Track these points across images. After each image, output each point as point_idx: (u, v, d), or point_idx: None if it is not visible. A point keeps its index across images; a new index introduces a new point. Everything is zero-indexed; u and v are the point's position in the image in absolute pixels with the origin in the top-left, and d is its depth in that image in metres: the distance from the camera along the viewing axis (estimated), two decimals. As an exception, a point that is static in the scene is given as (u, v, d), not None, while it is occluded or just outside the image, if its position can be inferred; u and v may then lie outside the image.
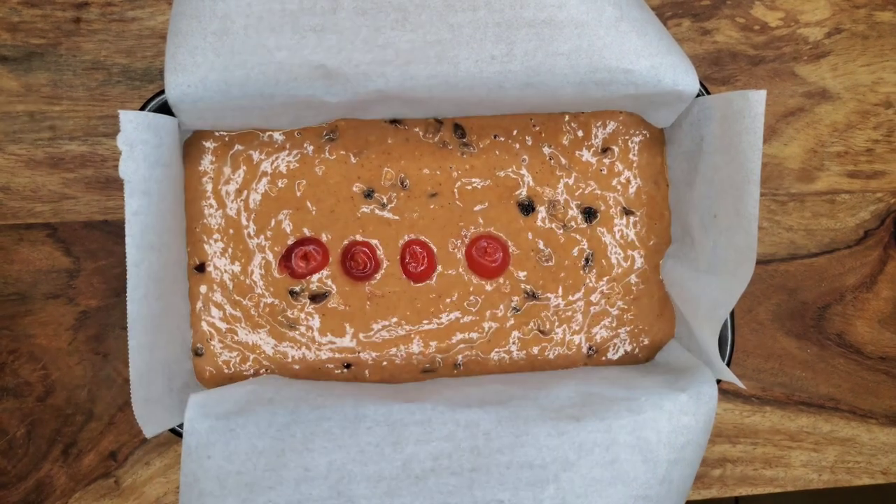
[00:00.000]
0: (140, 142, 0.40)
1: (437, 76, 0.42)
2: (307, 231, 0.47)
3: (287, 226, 0.47)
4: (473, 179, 0.48)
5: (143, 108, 0.43)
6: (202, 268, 0.46)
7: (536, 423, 0.42)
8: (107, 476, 0.51)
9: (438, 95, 0.43)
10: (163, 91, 0.42)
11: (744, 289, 0.41)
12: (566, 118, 0.48)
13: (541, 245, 0.48)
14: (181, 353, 0.45)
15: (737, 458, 0.54)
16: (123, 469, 0.51)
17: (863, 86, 0.55)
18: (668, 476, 0.42)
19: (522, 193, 0.48)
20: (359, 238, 0.47)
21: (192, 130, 0.46)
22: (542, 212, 0.48)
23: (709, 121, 0.44)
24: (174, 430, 0.43)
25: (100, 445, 0.51)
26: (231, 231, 0.47)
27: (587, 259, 0.48)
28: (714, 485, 0.55)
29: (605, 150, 0.48)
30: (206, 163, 0.46)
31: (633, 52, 0.42)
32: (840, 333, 0.55)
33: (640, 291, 0.49)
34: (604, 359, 0.49)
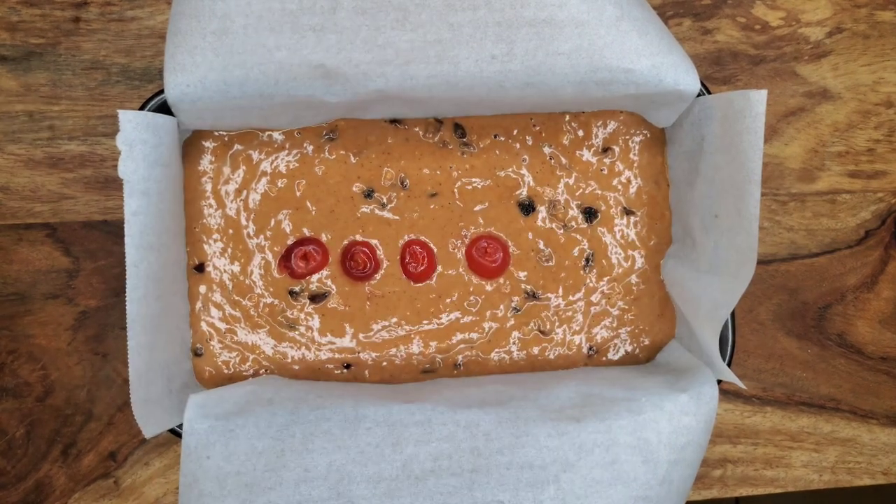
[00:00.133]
0: (139, 142, 0.40)
1: (438, 76, 0.42)
2: (307, 231, 0.47)
3: (287, 226, 0.47)
4: (473, 179, 0.48)
5: (143, 108, 0.43)
6: (201, 268, 0.46)
7: (536, 424, 0.42)
8: (106, 476, 0.51)
9: (438, 95, 0.43)
10: (162, 91, 0.42)
11: (744, 289, 0.41)
12: (567, 118, 0.48)
13: (541, 245, 0.48)
14: (180, 354, 0.45)
15: (737, 459, 0.54)
16: (123, 469, 0.51)
17: (864, 85, 0.55)
18: (669, 477, 0.42)
19: (523, 193, 0.48)
20: (359, 238, 0.47)
21: (192, 130, 0.46)
22: (543, 212, 0.48)
23: (710, 120, 0.44)
24: (173, 431, 0.42)
25: (99, 446, 0.50)
26: (230, 231, 0.46)
27: (587, 259, 0.48)
28: (715, 485, 0.54)
29: (606, 150, 0.48)
30: (206, 162, 0.46)
31: (634, 52, 0.42)
32: (841, 334, 0.55)
33: (641, 291, 0.49)
34: (604, 359, 0.49)
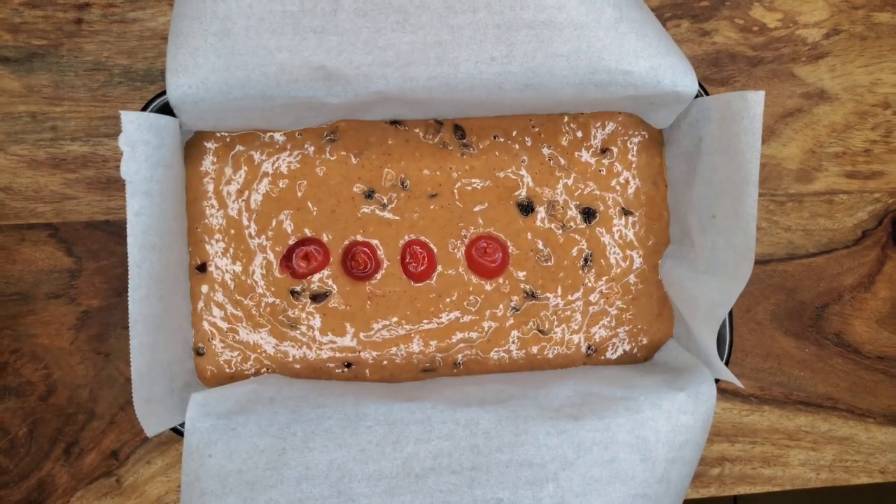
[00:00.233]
0: (141, 142, 0.40)
1: (437, 77, 0.42)
2: (308, 231, 0.47)
3: (288, 226, 0.47)
4: (473, 180, 0.48)
5: (145, 109, 0.43)
6: (203, 268, 0.47)
7: (536, 423, 0.42)
8: (108, 475, 0.51)
9: (438, 97, 0.43)
10: (164, 92, 0.42)
11: (742, 289, 0.41)
12: (565, 119, 0.48)
13: (540, 245, 0.48)
14: (183, 353, 0.45)
15: (735, 457, 0.55)
16: (125, 468, 0.51)
17: (861, 86, 0.55)
18: (667, 475, 0.42)
19: (522, 194, 0.48)
20: (359, 238, 0.47)
21: (194, 131, 0.46)
22: (542, 212, 0.48)
23: (707, 121, 0.44)
24: (175, 430, 0.43)
25: (101, 444, 0.51)
26: (232, 231, 0.47)
27: (586, 259, 0.49)
28: (712, 484, 0.55)
29: (605, 151, 0.49)
30: (208, 163, 0.47)
31: (633, 54, 0.42)
32: (838, 333, 0.56)
33: (639, 291, 0.49)
34: (603, 358, 0.49)
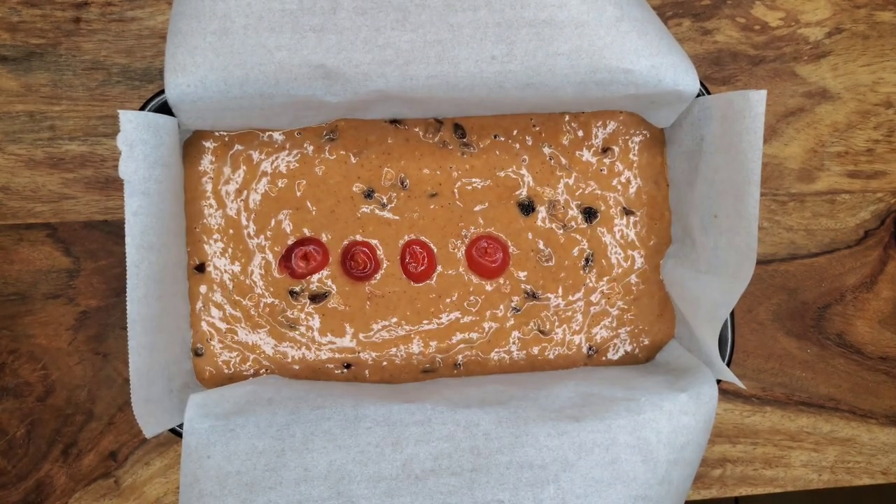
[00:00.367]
0: (140, 142, 0.40)
1: (438, 76, 0.42)
2: (307, 231, 0.47)
3: (287, 226, 0.47)
4: (473, 179, 0.48)
5: (143, 108, 0.43)
6: (202, 268, 0.46)
7: (536, 424, 0.42)
8: (107, 476, 0.51)
9: (438, 95, 0.43)
10: (162, 91, 0.42)
11: (744, 289, 0.41)
12: (566, 118, 0.48)
13: (541, 245, 0.48)
14: (181, 354, 0.45)
15: (737, 458, 0.54)
16: (123, 469, 0.51)
17: (863, 86, 0.55)
18: (668, 476, 0.42)
19: (522, 193, 0.48)
20: (359, 238, 0.47)
21: (192, 130, 0.46)
22: (543, 212, 0.48)
23: (709, 121, 0.44)
24: (174, 430, 0.43)
25: (100, 445, 0.51)
26: (231, 231, 0.46)
27: (587, 259, 0.48)
28: (714, 485, 0.54)
29: (606, 150, 0.48)
30: (206, 163, 0.46)
31: (634, 52, 0.42)
32: (840, 333, 0.55)
33: (641, 291, 0.49)
34: (604, 359, 0.49)
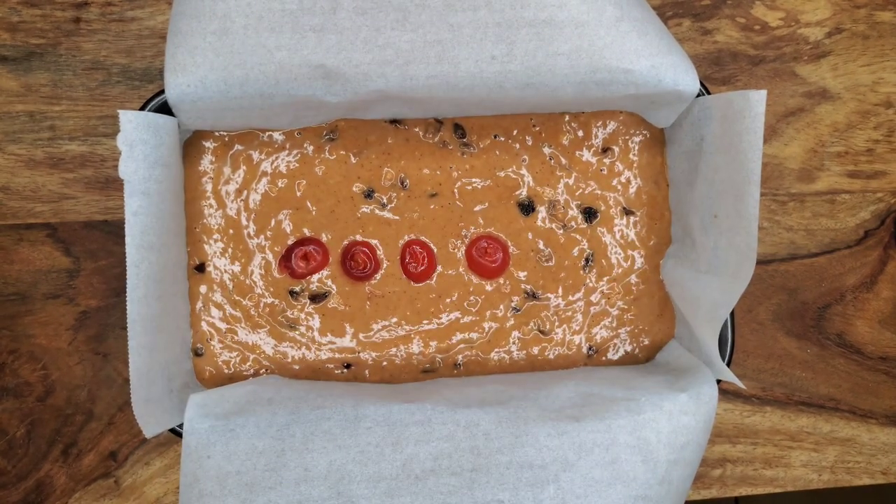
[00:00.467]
0: (140, 142, 0.40)
1: (438, 76, 0.42)
2: (307, 231, 0.47)
3: (287, 226, 0.47)
4: (473, 179, 0.48)
5: (143, 108, 0.43)
6: (202, 268, 0.46)
7: (536, 424, 0.42)
8: (107, 476, 0.51)
9: (438, 95, 0.43)
10: (162, 91, 0.42)
11: (744, 289, 0.41)
12: (566, 118, 0.48)
13: (541, 245, 0.48)
14: (181, 354, 0.45)
15: (737, 458, 0.54)
16: (123, 469, 0.51)
17: (863, 86, 0.55)
18: (668, 476, 0.42)
19: (522, 193, 0.48)
20: (359, 238, 0.47)
21: (192, 130, 0.46)
22: (543, 212, 0.48)
23: (709, 121, 0.44)
24: (174, 430, 0.43)
25: (100, 445, 0.51)
26: (231, 231, 0.46)
27: (587, 259, 0.48)
28: (714, 485, 0.54)
29: (606, 150, 0.48)
30: (206, 163, 0.46)
31: (634, 52, 0.42)
32: (840, 333, 0.55)
33: (641, 291, 0.49)
34: (604, 359, 0.49)
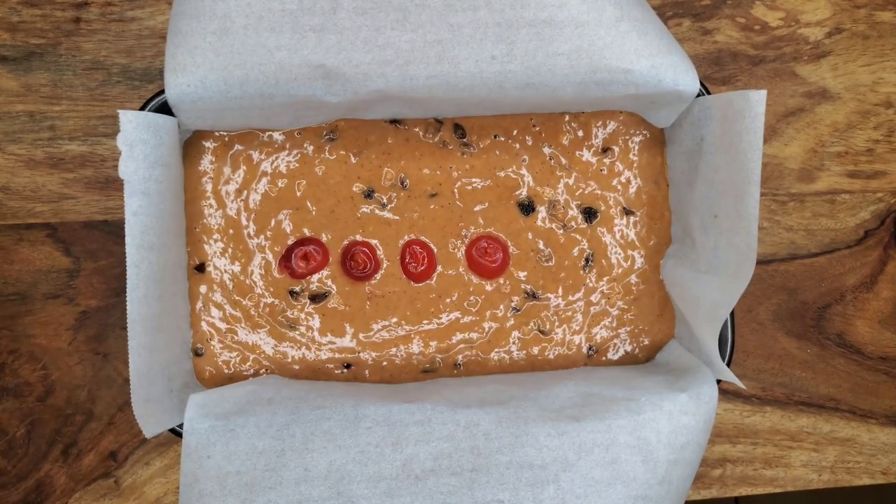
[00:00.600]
0: (140, 142, 0.40)
1: (438, 76, 0.42)
2: (307, 231, 0.47)
3: (287, 226, 0.47)
4: (473, 179, 0.48)
5: (143, 108, 0.43)
6: (202, 268, 0.46)
7: (536, 424, 0.42)
8: (107, 476, 0.51)
9: (438, 95, 0.43)
10: (162, 91, 0.42)
11: (744, 289, 0.41)
12: (566, 118, 0.48)
13: (541, 245, 0.48)
14: (181, 354, 0.45)
15: (737, 458, 0.54)
16: (123, 469, 0.51)
17: (863, 86, 0.55)
18: (668, 476, 0.42)
19: (522, 193, 0.48)
20: (359, 238, 0.47)
21: (192, 130, 0.46)
22: (543, 212, 0.48)
23: (709, 121, 0.44)
24: (174, 431, 0.43)
25: (100, 445, 0.51)
26: (231, 231, 0.46)
27: (587, 259, 0.48)
28: (714, 485, 0.54)
29: (606, 150, 0.48)
30: (206, 163, 0.46)
31: (634, 52, 0.42)
32: (840, 333, 0.55)
33: (641, 291, 0.49)
34: (604, 359, 0.49)
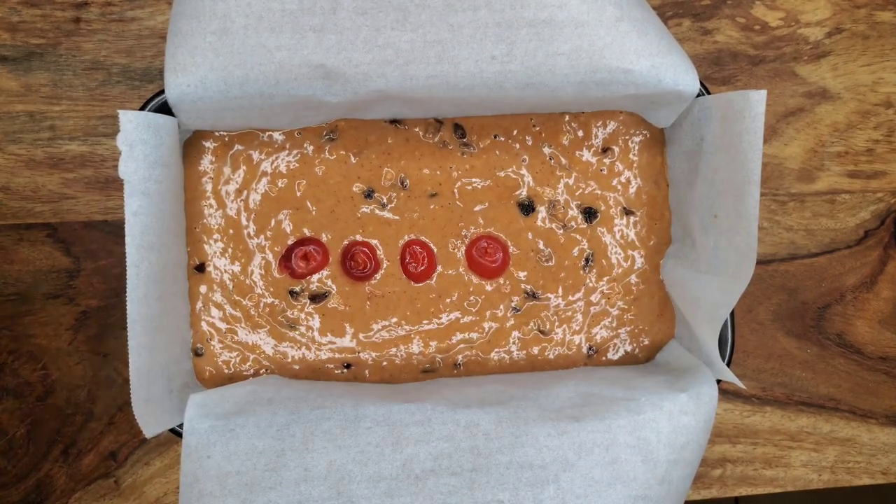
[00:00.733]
0: (140, 142, 0.40)
1: (438, 76, 0.42)
2: (307, 231, 0.47)
3: (287, 226, 0.47)
4: (473, 179, 0.48)
5: (143, 108, 0.43)
6: (202, 268, 0.46)
7: (536, 424, 0.42)
8: (107, 476, 0.51)
9: (438, 95, 0.43)
10: (162, 91, 0.42)
11: (744, 289, 0.41)
12: (566, 118, 0.48)
13: (541, 245, 0.48)
14: (181, 354, 0.45)
15: (737, 458, 0.54)
16: (123, 469, 0.51)
17: (863, 86, 0.55)
18: (668, 476, 0.42)
19: (522, 193, 0.48)
20: (359, 238, 0.47)
21: (192, 130, 0.46)
22: (543, 212, 0.48)
23: (709, 121, 0.44)
24: (174, 431, 0.43)
25: (100, 445, 0.51)
26: (231, 231, 0.46)
27: (587, 259, 0.48)
28: (714, 485, 0.54)
29: (606, 150, 0.48)
30: (206, 163, 0.46)
31: (634, 52, 0.42)
32: (840, 333, 0.55)
33: (641, 291, 0.49)
34: (604, 359, 0.49)
